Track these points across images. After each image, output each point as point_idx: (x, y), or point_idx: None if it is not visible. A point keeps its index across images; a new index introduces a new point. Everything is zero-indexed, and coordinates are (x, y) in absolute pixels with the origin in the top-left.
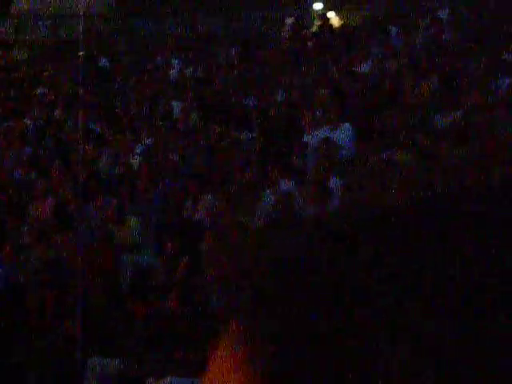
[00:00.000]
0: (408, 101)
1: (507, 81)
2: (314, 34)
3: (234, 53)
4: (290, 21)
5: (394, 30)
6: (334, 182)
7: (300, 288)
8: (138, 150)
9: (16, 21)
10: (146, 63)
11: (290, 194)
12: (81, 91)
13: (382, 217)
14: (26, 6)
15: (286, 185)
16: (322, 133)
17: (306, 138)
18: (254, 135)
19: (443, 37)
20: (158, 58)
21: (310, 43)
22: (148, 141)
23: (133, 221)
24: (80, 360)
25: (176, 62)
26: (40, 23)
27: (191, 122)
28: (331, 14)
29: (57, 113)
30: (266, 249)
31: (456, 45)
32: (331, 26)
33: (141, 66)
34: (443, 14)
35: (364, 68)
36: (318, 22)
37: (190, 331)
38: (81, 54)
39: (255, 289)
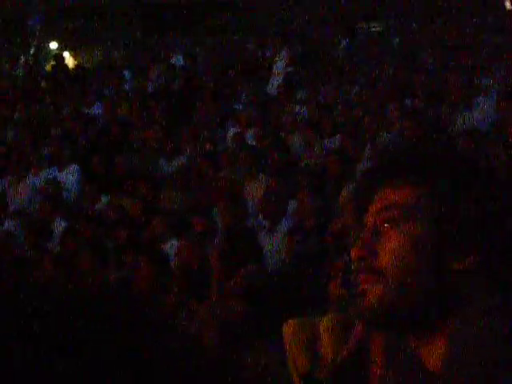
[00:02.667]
0: (139, 145)
1: (232, 129)
2: (48, 73)
3: None
4: (23, 59)
5: (127, 73)
6: (58, 223)
7: None
8: None
9: None
10: None
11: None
12: None
13: None
14: None
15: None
16: (48, 173)
17: (32, 179)
18: None
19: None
20: None
21: (43, 83)
22: None
23: None
24: None
25: None
26: None
27: None
28: (66, 54)
29: None
30: None
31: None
32: (66, 66)
33: None
34: (178, 60)
35: (95, 110)
36: (52, 62)
37: None
38: None
39: None
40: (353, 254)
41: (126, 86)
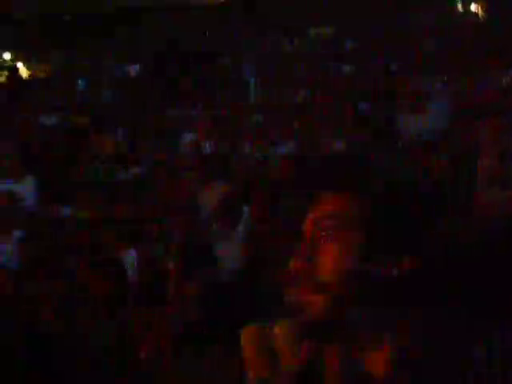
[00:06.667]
0: (93, 155)
1: (186, 136)
2: (2, 83)
3: None
4: None
5: (81, 83)
6: (16, 235)
7: None
8: None
9: None
10: None
11: None
12: None
13: None
14: None
15: None
16: (3, 184)
17: None
18: None
19: None
20: None
21: None
22: None
23: None
24: None
25: None
26: None
27: None
28: (20, 64)
29: None
30: None
31: None
32: (20, 76)
33: None
34: (134, 68)
35: (51, 120)
36: (6, 72)
37: None
38: None
39: None
40: (293, 264)
41: (81, 96)
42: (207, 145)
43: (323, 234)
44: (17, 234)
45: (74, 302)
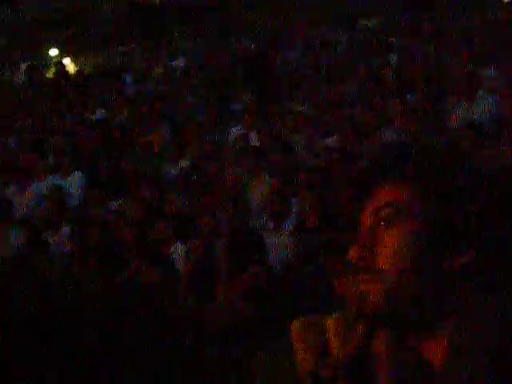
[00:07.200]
0: (141, 150)
1: (234, 130)
2: (50, 79)
3: None
4: (24, 66)
5: (128, 78)
6: (65, 231)
7: None
8: None
9: None
10: None
11: None
12: None
13: None
14: None
15: None
16: (53, 180)
17: (36, 185)
18: None
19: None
20: None
21: (45, 89)
22: None
23: None
24: None
25: None
26: None
27: None
28: (67, 61)
29: None
30: None
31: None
32: (67, 72)
33: None
34: (181, 62)
35: (97, 115)
36: (53, 68)
37: None
38: None
39: None
40: (351, 253)
41: (127, 90)
42: (254, 138)
43: (381, 223)
44: (65, 229)
45: (121, 296)
